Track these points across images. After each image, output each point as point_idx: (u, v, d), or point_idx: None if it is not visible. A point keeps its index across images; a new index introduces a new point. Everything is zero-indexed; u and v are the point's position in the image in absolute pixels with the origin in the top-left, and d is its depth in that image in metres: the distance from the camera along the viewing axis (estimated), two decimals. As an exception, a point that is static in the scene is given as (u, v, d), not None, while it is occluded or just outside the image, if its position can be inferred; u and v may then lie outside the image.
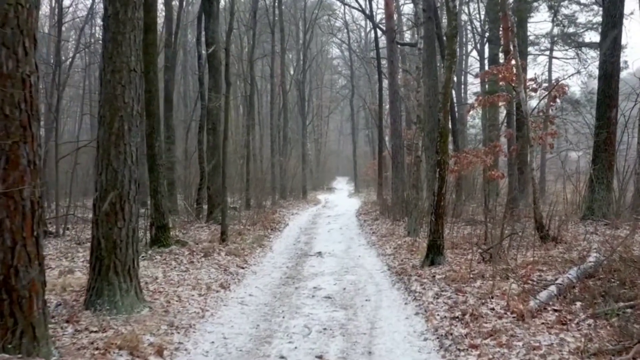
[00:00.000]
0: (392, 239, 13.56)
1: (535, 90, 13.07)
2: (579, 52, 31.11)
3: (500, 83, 23.56)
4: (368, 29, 48.16)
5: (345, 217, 21.46)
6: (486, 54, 31.67)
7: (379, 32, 29.58)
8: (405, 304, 7.35)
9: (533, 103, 16.03)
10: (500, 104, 18.42)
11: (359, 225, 18.52)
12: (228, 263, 10.33)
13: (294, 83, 41.38)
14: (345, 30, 45.27)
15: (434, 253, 9.22)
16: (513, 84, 12.56)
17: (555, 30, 31.40)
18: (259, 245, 13.21)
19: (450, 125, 21.12)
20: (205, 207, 17.42)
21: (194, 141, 24.52)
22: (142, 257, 10.42)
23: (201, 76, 17.99)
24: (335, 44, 53.00)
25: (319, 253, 12.19)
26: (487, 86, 29.00)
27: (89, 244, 9.78)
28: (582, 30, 29.97)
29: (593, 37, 29.82)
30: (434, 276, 8.45)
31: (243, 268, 10.21)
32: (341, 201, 33.92)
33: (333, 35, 46.96)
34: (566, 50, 32.10)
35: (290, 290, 8.35)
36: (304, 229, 17.44)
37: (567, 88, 12.87)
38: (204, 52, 17.43)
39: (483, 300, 6.80)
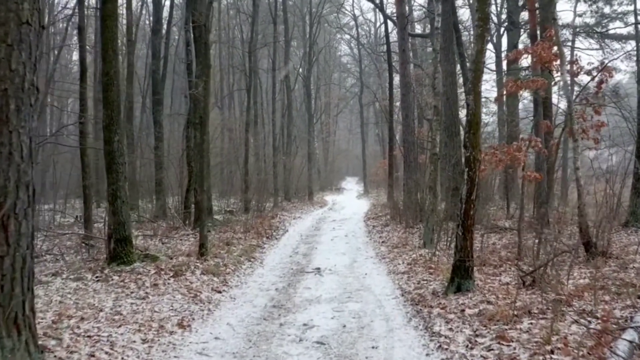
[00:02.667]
0: (405, 251, 11.50)
1: (575, 74, 10.96)
2: (603, 43, 29.24)
3: (523, 73, 21.46)
4: (377, 25, 46.30)
5: (352, 222, 19.40)
6: (503, 47, 29.70)
7: (390, 26, 27.62)
8: (427, 355, 5.29)
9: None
10: (522, 93, 16.42)
11: (367, 232, 16.46)
12: (202, 285, 8.31)
13: (300, 79, 39.43)
14: (354, 25, 43.34)
15: (461, 276, 7.14)
16: (552, 67, 10.48)
17: (577, 21, 29.54)
18: (247, 259, 11.20)
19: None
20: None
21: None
22: (97, 278, 8.47)
23: (190, 64, 16.01)
24: (345, 41, 51.18)
25: (318, 269, 10.15)
26: (504, 78, 26.90)
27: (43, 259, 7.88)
28: (606, 20, 28.43)
29: (618, 28, 27.98)
30: (463, 310, 6.38)
31: (220, 292, 8.18)
32: (349, 203, 31.87)
33: (341, 30, 44.94)
34: (590, 41, 30.26)
35: (273, 328, 6.30)
36: (305, 237, 15.41)
37: (614, 72, 10.75)
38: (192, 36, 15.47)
39: (541, 356, 4.73)
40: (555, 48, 10.55)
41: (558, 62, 11.00)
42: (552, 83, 12.06)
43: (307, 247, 13.28)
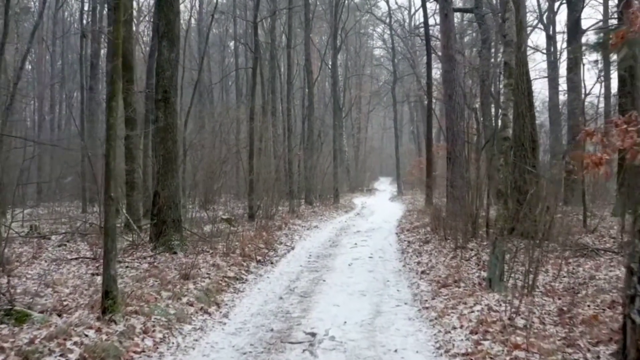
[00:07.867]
0: (461, 296, 7.00)
1: None
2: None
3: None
4: (412, 12, 41.93)
5: (381, 235, 15.00)
6: (558, 27, 25.28)
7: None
8: None
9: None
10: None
11: (400, 251, 12.05)
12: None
13: (327, 70, 35.27)
14: (387, 10, 39.08)
15: None
16: None
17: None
18: (206, 307, 6.93)
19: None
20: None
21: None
22: None
23: (155, 27, 11.91)
24: (377, 33, 47.05)
25: (312, 337, 5.80)
26: (558, 58, 22.20)
27: None
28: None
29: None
30: None
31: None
32: (380, 206, 27.49)
33: (371, 14, 40.67)
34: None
35: None
36: (314, 259, 11.12)
37: None
38: None
39: None
40: None
41: None
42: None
43: (310, 280, 8.96)
